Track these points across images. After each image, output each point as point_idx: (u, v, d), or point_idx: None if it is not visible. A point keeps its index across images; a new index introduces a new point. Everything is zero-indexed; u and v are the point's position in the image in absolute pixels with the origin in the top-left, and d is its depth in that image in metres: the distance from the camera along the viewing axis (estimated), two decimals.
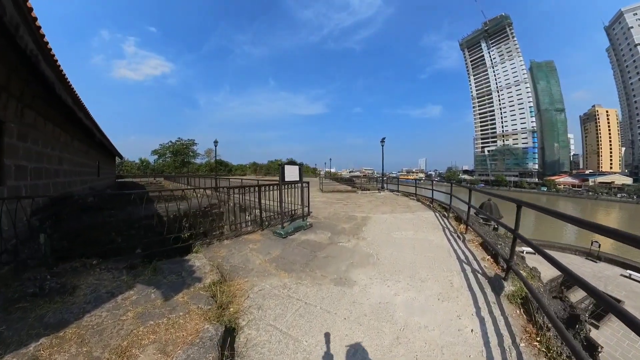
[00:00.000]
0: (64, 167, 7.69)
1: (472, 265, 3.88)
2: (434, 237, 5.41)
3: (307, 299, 2.96)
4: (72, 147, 8.60)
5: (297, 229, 5.87)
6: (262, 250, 4.56)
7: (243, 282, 3.31)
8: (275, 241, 5.15)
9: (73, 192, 8.50)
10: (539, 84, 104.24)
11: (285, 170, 6.00)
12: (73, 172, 8.71)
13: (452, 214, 7.22)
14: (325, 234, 5.72)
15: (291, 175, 6.18)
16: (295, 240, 5.26)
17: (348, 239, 5.32)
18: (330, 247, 4.85)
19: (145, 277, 3.08)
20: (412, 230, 5.90)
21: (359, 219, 7.13)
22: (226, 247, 4.76)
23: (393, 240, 5.18)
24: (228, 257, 4.23)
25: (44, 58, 3.72)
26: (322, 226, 6.37)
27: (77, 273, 3.07)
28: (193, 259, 3.80)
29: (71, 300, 2.50)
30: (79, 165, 9.51)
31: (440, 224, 6.48)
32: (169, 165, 58.42)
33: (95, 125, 8.14)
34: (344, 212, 8.03)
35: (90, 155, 11.64)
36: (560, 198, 75.47)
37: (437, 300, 2.90)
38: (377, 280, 3.41)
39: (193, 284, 2.96)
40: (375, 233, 5.72)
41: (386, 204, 9.95)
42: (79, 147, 9.51)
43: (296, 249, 4.68)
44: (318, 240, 5.22)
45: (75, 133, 8.67)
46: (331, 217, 7.40)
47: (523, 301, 2.79)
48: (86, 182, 10.63)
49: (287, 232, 5.52)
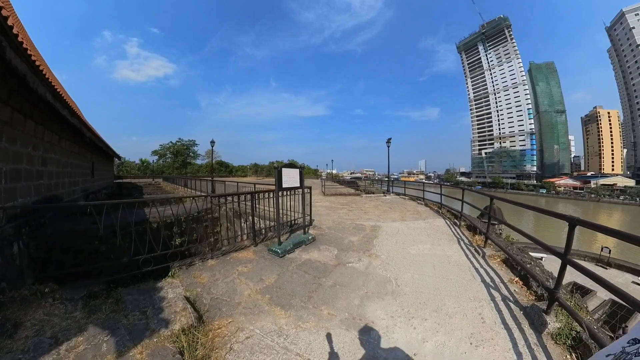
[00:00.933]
0: (48, 168, 7.22)
1: (501, 291, 3.32)
2: (452, 251, 4.85)
3: (311, 354, 2.22)
4: (60, 147, 8.14)
5: (298, 245, 5.02)
6: (253, 275, 3.74)
7: (226, 324, 2.57)
8: (271, 262, 4.31)
9: (59, 195, 8.03)
10: (539, 85, 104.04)
11: (283, 175, 5.06)
12: (61, 174, 8.25)
13: (464, 222, 6.76)
14: (330, 250, 4.92)
15: (290, 181, 5.26)
16: (295, 260, 4.42)
17: (358, 257, 4.56)
18: (338, 270, 4.05)
19: (102, 314, 2.46)
20: (429, 244, 5.29)
21: (368, 229, 6.48)
22: (210, 269, 3.92)
23: (410, 258, 4.50)
24: (210, 284, 3.40)
25: (10, 45, 3.26)
26: (326, 239, 5.62)
27: (27, 303, 2.48)
28: (167, 287, 3.10)
29: (8, 345, 1.95)
30: (69, 166, 9.04)
31: (455, 235, 5.93)
32: (169, 166, 58.06)
33: (83, 123, 7.67)
34: (349, 220, 7.39)
35: (83, 156, 11.17)
36: (560, 200, 74.94)
37: (471, 346, 2.35)
38: (401, 320, 2.73)
39: (158, 330, 2.29)
40: (389, 248, 5.04)
41: (394, 209, 9.44)
42: (69, 147, 9.05)
43: (296, 274, 3.87)
44: (323, 261, 4.40)
45: (63, 132, 8.21)
46: (336, 227, 6.70)
47: (574, 342, 2.28)
48: (77, 183, 10.16)
49: (285, 249, 4.64)
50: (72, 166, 9.48)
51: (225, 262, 4.23)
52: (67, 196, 8.83)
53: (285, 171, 5.15)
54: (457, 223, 6.73)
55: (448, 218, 7.60)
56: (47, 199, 7.16)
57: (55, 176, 7.75)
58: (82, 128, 7.79)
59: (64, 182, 8.45)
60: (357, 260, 4.43)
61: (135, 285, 3.09)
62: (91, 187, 12.69)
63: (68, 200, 8.87)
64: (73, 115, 6.75)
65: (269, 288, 3.38)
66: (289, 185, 5.26)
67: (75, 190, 9.82)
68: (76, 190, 9.99)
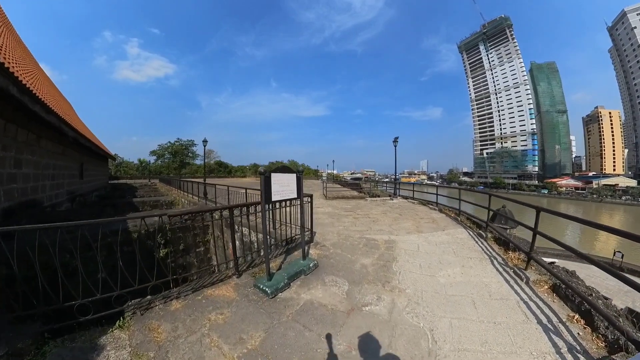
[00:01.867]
0: (23, 171, 6.57)
1: (564, 336, 2.64)
2: (488, 277, 4.01)
3: None
4: (39, 147, 7.48)
5: (295, 277, 3.82)
6: (230, 331, 2.64)
7: None
8: (257, 306, 3.11)
9: (38, 199, 7.37)
10: (540, 85, 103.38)
11: (273, 183, 3.75)
12: (41, 176, 7.60)
13: (490, 234, 5.97)
14: (339, 284, 3.75)
15: (283, 190, 3.99)
16: (291, 303, 3.21)
17: (377, 293, 3.47)
18: (352, 319, 2.91)
19: None
20: (458, 266, 4.39)
21: (382, 245, 5.42)
22: (172, 316, 2.85)
23: (443, 292, 3.55)
24: (168, 345, 2.40)
25: None
26: (332, 265, 4.41)
27: None
28: (110, 346, 2.31)
29: None
30: (51, 167, 8.39)
31: (484, 252, 5.10)
32: (167, 167, 57.39)
33: (63, 121, 7.01)
34: (358, 233, 6.34)
35: (69, 156, 10.51)
36: (561, 201, 74.38)
37: None
38: None
39: None
40: (414, 276, 4.00)
41: (406, 216, 8.44)
42: (51, 148, 8.39)
43: (292, 329, 2.72)
44: (330, 303, 3.20)
45: (43, 131, 7.55)
46: (343, 244, 5.50)
47: None
48: (62, 185, 9.51)
49: (277, 286, 3.43)
50: (55, 167, 8.82)
51: (195, 303, 3.09)
52: (49, 200, 8.17)
53: (277, 177, 3.83)
54: (483, 235, 5.96)
55: (469, 227, 6.83)
56: (22, 204, 6.50)
57: (33, 179, 7.09)
58: (62, 126, 7.13)
59: (44, 185, 7.79)
60: (376, 299, 3.33)
61: (71, 341, 2.33)
62: (79, 189, 12.02)
63: (50, 205, 8.22)
64: (49, 112, 6.09)
65: (251, 357, 2.32)
66: (281, 197, 3.98)
67: (59, 193, 9.16)
68: (60, 193, 9.33)
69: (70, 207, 9.93)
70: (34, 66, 10.92)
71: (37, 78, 8.22)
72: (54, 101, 8.44)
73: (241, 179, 50.47)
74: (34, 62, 13.23)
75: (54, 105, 7.29)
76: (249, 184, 28.54)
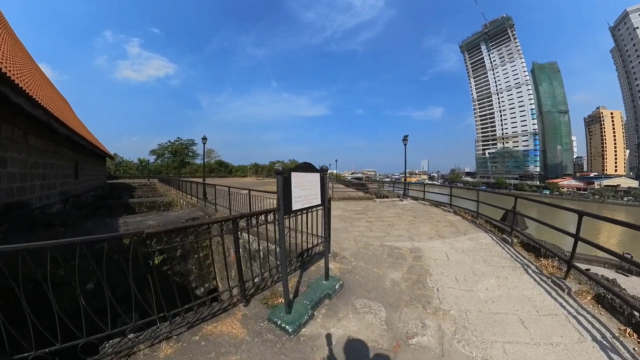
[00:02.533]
0: (9, 170, 6.04)
1: (621, 354, 2.34)
2: (528, 289, 3.63)
3: None
4: (27, 145, 6.95)
5: (319, 303, 3.06)
6: None
7: None
8: (275, 351, 2.36)
9: (26, 200, 6.84)
10: (542, 85, 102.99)
11: (294, 185, 2.89)
12: (29, 175, 7.06)
13: (516, 239, 5.53)
14: (374, 309, 3.03)
15: (305, 196, 3.12)
16: (320, 343, 2.48)
17: (420, 319, 2.89)
18: (400, 359, 2.34)
19: None
20: (493, 277, 3.98)
21: (408, 255, 4.85)
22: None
23: (485, 309, 3.12)
24: None
25: None
26: (359, 282, 3.69)
27: None
28: None
29: None
30: (41, 166, 7.86)
31: (515, 259, 4.68)
32: (167, 166, 56.91)
33: (52, 116, 6.48)
34: (376, 239, 5.72)
35: (62, 155, 9.97)
36: (564, 201, 74.02)
37: None
38: None
39: None
40: (452, 293, 3.48)
41: (421, 219, 7.92)
42: (41, 145, 7.86)
43: None
44: (369, 340, 2.54)
45: (30, 127, 7.01)
46: (364, 254, 4.81)
47: None
48: (54, 186, 8.97)
49: (300, 320, 2.66)
50: (46, 167, 8.29)
51: (191, 346, 2.35)
52: (39, 201, 7.64)
53: (298, 178, 2.95)
54: (508, 240, 5.48)
55: (490, 231, 6.35)
56: (6, 206, 5.97)
57: (20, 179, 6.56)
58: (52, 122, 6.60)
59: (33, 185, 7.25)
60: (421, 327, 2.76)
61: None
62: (74, 189, 11.49)
63: (40, 206, 7.68)
64: (35, 106, 5.55)
65: None
66: (304, 205, 3.11)
67: (50, 194, 8.63)
68: (52, 194, 8.79)
69: (63, 209, 9.40)
70: (27, 61, 10.39)
71: (27, 72, 7.69)
72: (46, 97, 7.92)
73: (242, 178, 49.92)
74: (28, 57, 12.70)
75: (44, 99, 6.77)
76: (251, 184, 28.04)
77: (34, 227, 5.62)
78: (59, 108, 8.80)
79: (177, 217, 7.67)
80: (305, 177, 3.11)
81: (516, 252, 5.01)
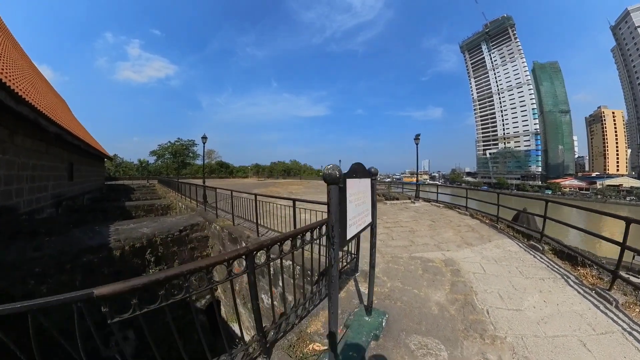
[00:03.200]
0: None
1: None
2: (576, 304, 3.29)
3: None
4: (13, 145, 6.46)
5: (364, 348, 2.37)
6: None
7: None
8: None
9: (13, 205, 6.33)
10: (543, 85, 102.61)
11: (349, 201, 1.96)
12: (16, 177, 6.57)
13: (547, 246, 5.07)
14: (431, 349, 2.45)
15: (359, 215, 2.24)
16: None
17: (482, 354, 2.43)
18: None
19: None
20: (536, 291, 3.57)
21: (444, 268, 4.31)
22: None
23: (541, 333, 2.73)
24: None
25: None
26: (402, 310, 3.08)
27: None
28: None
29: None
30: (30, 168, 7.36)
31: (551, 269, 4.30)
32: (167, 167, 56.41)
33: (39, 113, 5.99)
34: (403, 250, 5.17)
35: (54, 156, 9.48)
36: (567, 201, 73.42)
37: None
38: None
39: None
40: (502, 315, 3.03)
41: (440, 223, 7.43)
42: (30, 145, 7.36)
43: None
44: None
45: (17, 126, 6.52)
46: (396, 270, 4.21)
47: None
48: (45, 188, 8.47)
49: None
50: (36, 168, 7.79)
51: None
52: (27, 205, 7.14)
53: (353, 187, 2.06)
54: (538, 247, 5.02)
55: (515, 237, 5.89)
56: None
57: (4, 181, 6.06)
58: (40, 119, 6.11)
59: (20, 188, 6.76)
60: None
61: None
62: (68, 192, 10.99)
63: (29, 211, 7.19)
64: (19, 102, 5.06)
65: None
66: (358, 229, 2.24)
67: (41, 197, 8.13)
68: (43, 197, 8.29)
69: (55, 213, 8.90)
70: (19, 59, 9.90)
71: (16, 68, 7.20)
72: (38, 94, 7.43)
73: (243, 179, 49.37)
74: (23, 56, 12.23)
75: (33, 96, 6.28)
76: (253, 185, 27.38)
77: (17, 236, 5.10)
78: (49, 106, 8.31)
79: (173, 223, 7.14)
80: (359, 185, 2.23)
81: (549, 260, 4.63)
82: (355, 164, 2.24)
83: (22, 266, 4.10)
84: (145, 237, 5.89)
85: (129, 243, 5.48)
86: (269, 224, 6.03)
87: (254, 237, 5.80)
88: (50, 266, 4.25)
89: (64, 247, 4.66)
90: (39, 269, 4.12)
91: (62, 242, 4.82)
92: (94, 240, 5.05)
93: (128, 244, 5.44)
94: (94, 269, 4.70)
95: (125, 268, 5.30)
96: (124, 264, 5.33)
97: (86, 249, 4.78)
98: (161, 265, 6.01)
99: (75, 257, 4.48)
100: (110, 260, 4.80)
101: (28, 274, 4.08)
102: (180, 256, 6.43)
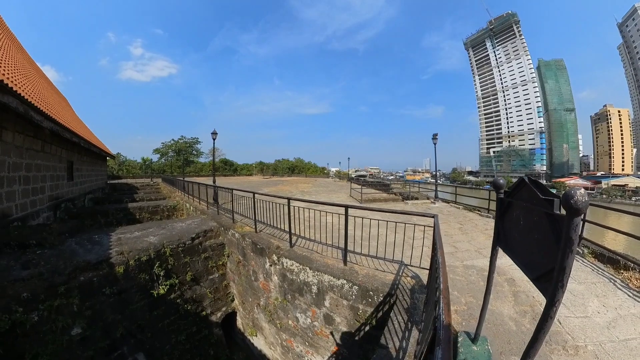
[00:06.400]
0: None
1: None
2: (632, 307, 3.40)
3: None
4: (2, 142, 5.68)
5: None
6: None
7: None
8: None
9: (4, 210, 5.57)
10: (547, 83, 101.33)
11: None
12: (6, 179, 5.80)
13: (587, 249, 4.86)
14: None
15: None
16: None
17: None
18: None
19: None
20: (592, 296, 3.61)
21: (497, 277, 3.95)
22: None
23: (615, 338, 2.83)
24: None
25: None
26: (490, 332, 2.85)
27: None
28: None
29: None
30: (23, 168, 6.59)
31: (596, 272, 4.31)
32: (171, 165, 55.61)
33: (30, 105, 5.20)
34: (450, 257, 4.86)
35: (52, 154, 8.70)
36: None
37: None
38: None
39: None
40: (574, 324, 3.06)
41: (467, 226, 6.94)
42: (21, 143, 6.58)
43: None
44: None
45: (5, 121, 5.74)
46: (459, 282, 3.93)
47: None
48: (42, 190, 7.71)
49: None
50: (30, 168, 7.01)
51: None
52: (21, 210, 6.38)
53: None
54: (578, 250, 4.84)
55: None
56: None
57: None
58: (32, 113, 5.33)
59: (11, 191, 5.99)
60: None
61: None
62: (67, 193, 10.23)
63: (22, 216, 6.43)
64: (5, 92, 4.28)
65: None
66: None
67: (37, 199, 7.36)
68: (40, 199, 7.53)
69: (53, 218, 8.14)
70: (16, 53, 9.11)
71: (8, 57, 6.43)
72: (28, 84, 6.65)
73: (248, 177, 48.57)
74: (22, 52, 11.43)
75: (24, 87, 5.50)
76: (260, 183, 26.55)
77: (3, 250, 4.31)
78: (44, 99, 7.52)
79: (184, 230, 6.36)
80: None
81: (591, 264, 4.64)
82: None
83: (7, 290, 3.33)
84: (152, 247, 5.12)
85: (134, 256, 4.71)
86: (298, 230, 5.37)
87: (284, 247, 5.05)
88: (41, 289, 3.48)
89: (57, 263, 3.89)
90: (27, 294, 3.35)
91: (56, 256, 4.06)
92: (93, 254, 4.28)
93: (133, 258, 4.67)
94: (94, 290, 3.94)
95: (130, 286, 4.54)
96: (129, 281, 4.57)
97: (84, 265, 4.01)
98: (172, 279, 5.26)
99: (71, 277, 3.72)
100: (112, 278, 4.04)
101: (14, 299, 3.32)
102: (194, 267, 5.66)
